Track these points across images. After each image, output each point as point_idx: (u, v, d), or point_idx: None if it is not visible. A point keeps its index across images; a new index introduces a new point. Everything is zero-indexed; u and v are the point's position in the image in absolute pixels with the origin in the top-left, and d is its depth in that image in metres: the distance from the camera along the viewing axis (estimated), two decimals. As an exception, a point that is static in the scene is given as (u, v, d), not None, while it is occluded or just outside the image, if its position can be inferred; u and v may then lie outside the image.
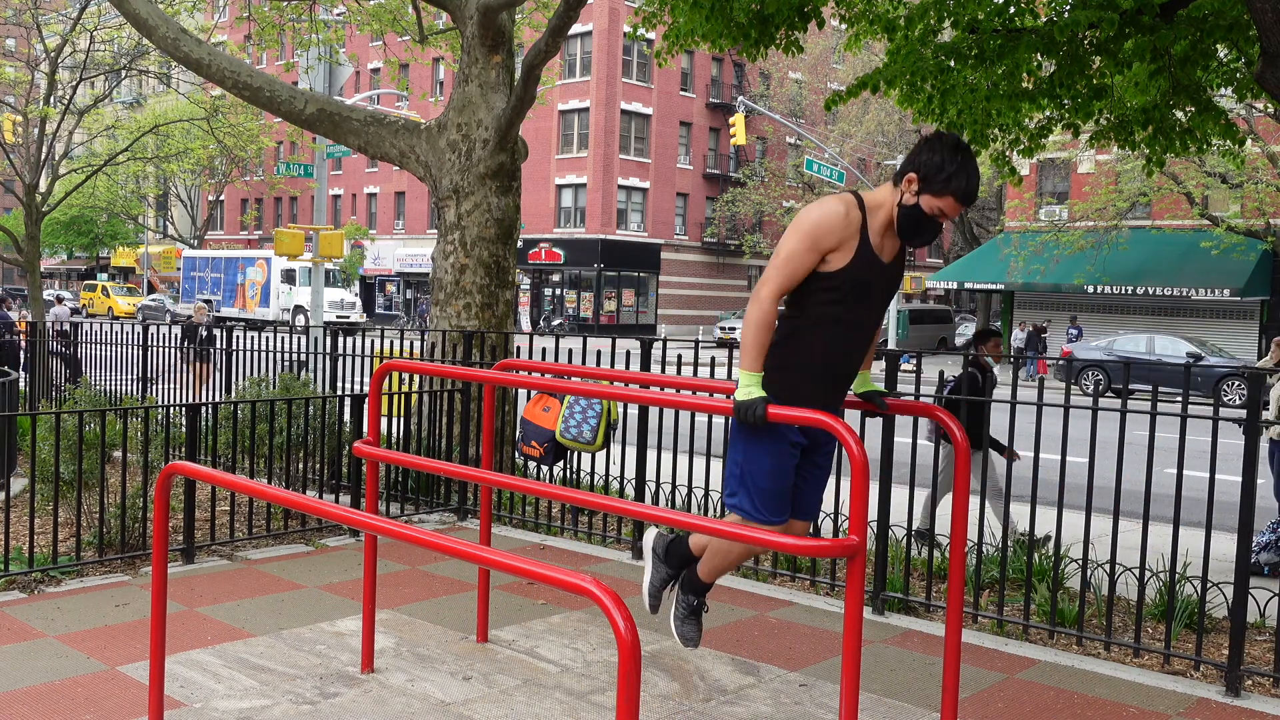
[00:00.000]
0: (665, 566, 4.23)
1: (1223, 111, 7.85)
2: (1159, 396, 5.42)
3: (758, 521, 3.77)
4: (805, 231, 3.60)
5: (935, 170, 3.53)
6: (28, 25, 21.39)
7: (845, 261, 3.62)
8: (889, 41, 7.97)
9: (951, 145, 3.55)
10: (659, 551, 4.26)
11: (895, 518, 6.66)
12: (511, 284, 9.60)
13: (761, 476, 3.74)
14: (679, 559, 4.20)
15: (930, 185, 3.55)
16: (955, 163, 3.53)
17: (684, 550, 4.18)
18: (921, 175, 3.56)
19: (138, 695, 4.55)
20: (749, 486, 3.77)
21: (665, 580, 4.23)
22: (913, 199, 3.59)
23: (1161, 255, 31.58)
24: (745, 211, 49.51)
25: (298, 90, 10.21)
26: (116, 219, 54.24)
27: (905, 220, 3.63)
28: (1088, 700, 4.88)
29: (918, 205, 3.59)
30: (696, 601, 4.15)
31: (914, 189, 3.58)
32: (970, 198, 3.58)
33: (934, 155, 3.54)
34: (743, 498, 3.79)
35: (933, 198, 3.56)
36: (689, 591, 4.16)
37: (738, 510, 3.82)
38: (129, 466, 6.83)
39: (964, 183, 3.53)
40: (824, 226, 3.59)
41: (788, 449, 3.76)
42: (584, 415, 4.98)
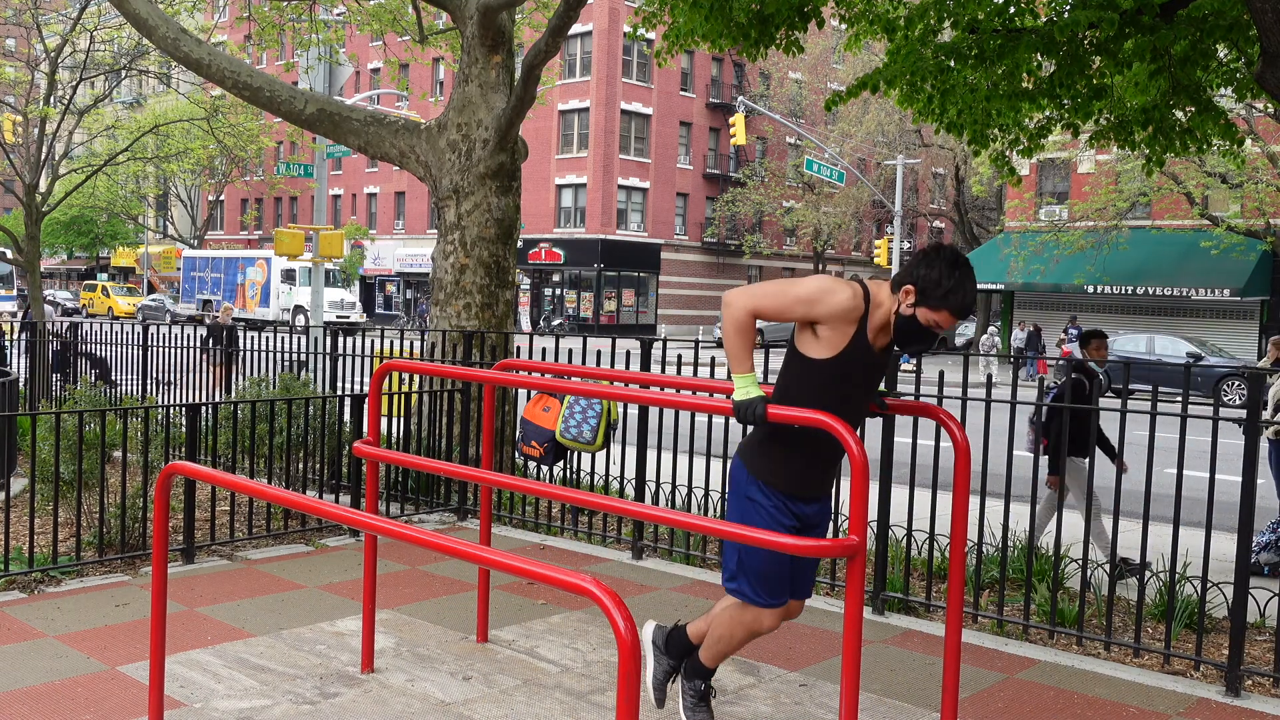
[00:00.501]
0: (666, 658, 4.27)
1: (1222, 111, 7.84)
2: (1159, 396, 5.43)
3: (758, 606, 3.87)
4: (811, 291, 3.64)
5: (933, 285, 3.57)
6: (28, 25, 21.38)
7: (837, 350, 3.66)
8: (889, 41, 7.97)
9: (949, 261, 3.59)
10: (659, 643, 4.29)
11: (895, 518, 6.66)
12: (511, 284, 9.60)
13: (760, 563, 3.82)
14: (679, 649, 4.23)
15: (927, 299, 3.59)
16: (953, 279, 3.57)
17: (684, 640, 4.22)
18: (919, 289, 3.60)
19: (138, 695, 4.55)
20: (748, 574, 3.85)
21: (668, 672, 4.27)
22: (909, 310, 3.64)
23: (1161, 255, 31.59)
24: (745, 211, 49.53)
25: (298, 90, 10.21)
26: (116, 219, 54.26)
27: (901, 330, 3.68)
28: (1088, 700, 4.89)
29: (914, 317, 3.63)
30: (704, 686, 4.18)
31: (911, 301, 3.63)
32: (966, 313, 3.65)
33: (931, 270, 3.58)
34: (742, 583, 3.88)
35: (929, 311, 3.60)
36: (694, 678, 4.19)
37: (738, 595, 3.90)
38: (129, 466, 6.83)
39: (960, 299, 3.59)
40: (830, 301, 3.62)
41: (786, 526, 3.81)
42: (584, 415, 4.98)
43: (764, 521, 3.77)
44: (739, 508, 3.85)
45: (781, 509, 3.79)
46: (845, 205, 46.52)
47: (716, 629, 4.02)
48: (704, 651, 4.11)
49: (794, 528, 3.82)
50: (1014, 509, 6.09)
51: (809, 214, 47.30)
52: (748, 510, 3.81)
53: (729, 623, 3.97)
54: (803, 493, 3.83)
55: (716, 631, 4.03)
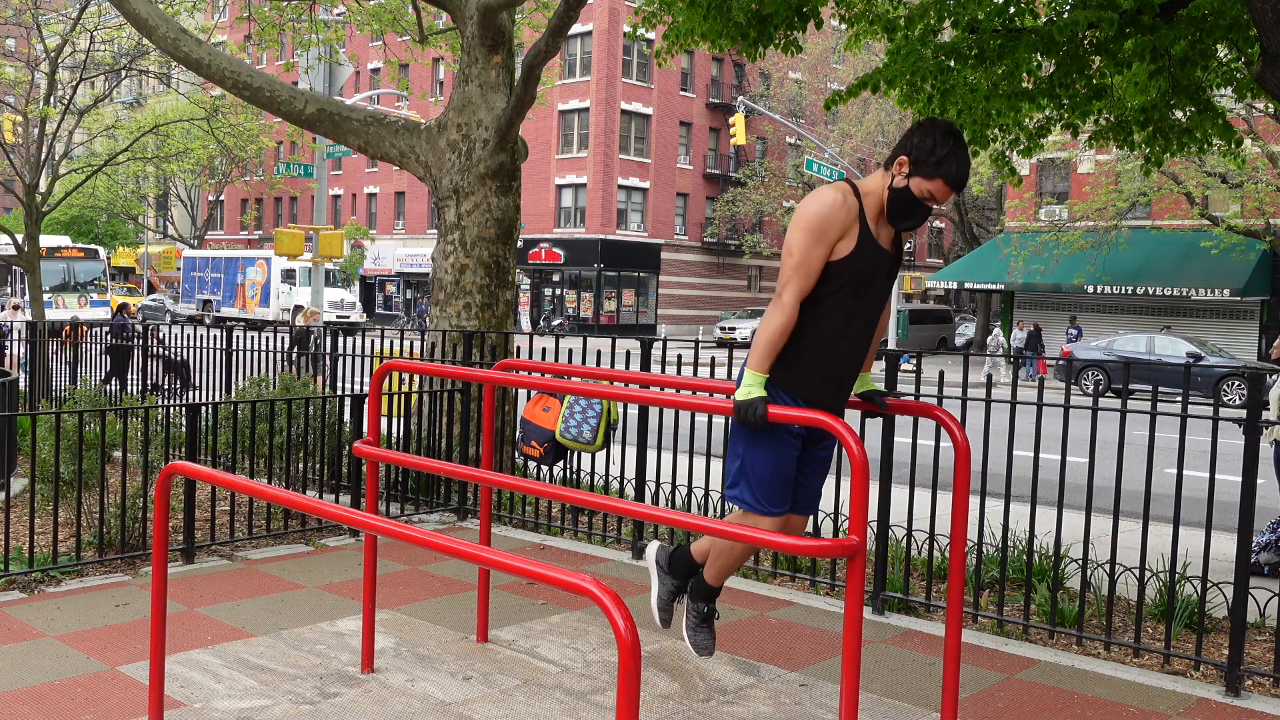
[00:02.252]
0: (671, 578, 4.24)
1: (1222, 112, 7.84)
2: (1159, 396, 5.42)
3: (758, 512, 3.80)
4: (809, 226, 3.62)
5: (927, 153, 3.55)
6: (28, 25, 21.38)
7: (849, 250, 3.64)
8: (889, 41, 7.97)
9: (944, 130, 3.58)
10: (662, 564, 4.27)
11: (895, 518, 6.66)
12: (511, 284, 9.60)
13: (763, 468, 3.76)
14: (684, 568, 4.21)
15: (921, 168, 3.57)
16: (947, 146, 3.55)
17: (687, 558, 4.19)
18: (913, 158, 3.58)
19: (138, 695, 4.55)
20: (750, 478, 3.79)
21: (673, 592, 4.25)
22: (903, 181, 3.62)
23: (1161, 255, 31.60)
24: (745, 211, 49.52)
25: (298, 90, 10.21)
26: (116, 219, 54.29)
27: (895, 202, 3.65)
28: (1088, 700, 4.88)
29: (908, 188, 3.61)
30: (707, 608, 4.17)
31: (905, 171, 3.61)
32: (960, 183, 3.60)
33: (926, 139, 3.57)
34: (743, 489, 3.81)
35: (923, 180, 3.58)
36: (698, 599, 4.17)
37: (738, 501, 3.84)
38: (129, 466, 6.83)
39: (954, 167, 3.56)
40: (827, 217, 3.61)
41: (789, 440, 3.78)
42: (584, 415, 4.98)
43: (770, 435, 3.72)
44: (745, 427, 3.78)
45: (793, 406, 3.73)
46: (845, 205, 46.40)
47: (718, 542, 4.00)
48: (708, 568, 4.09)
49: (804, 437, 3.79)
50: (1014, 509, 6.09)
51: (809, 214, 47.18)
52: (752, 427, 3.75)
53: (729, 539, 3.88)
54: (821, 403, 3.76)
55: (718, 544, 4.00)
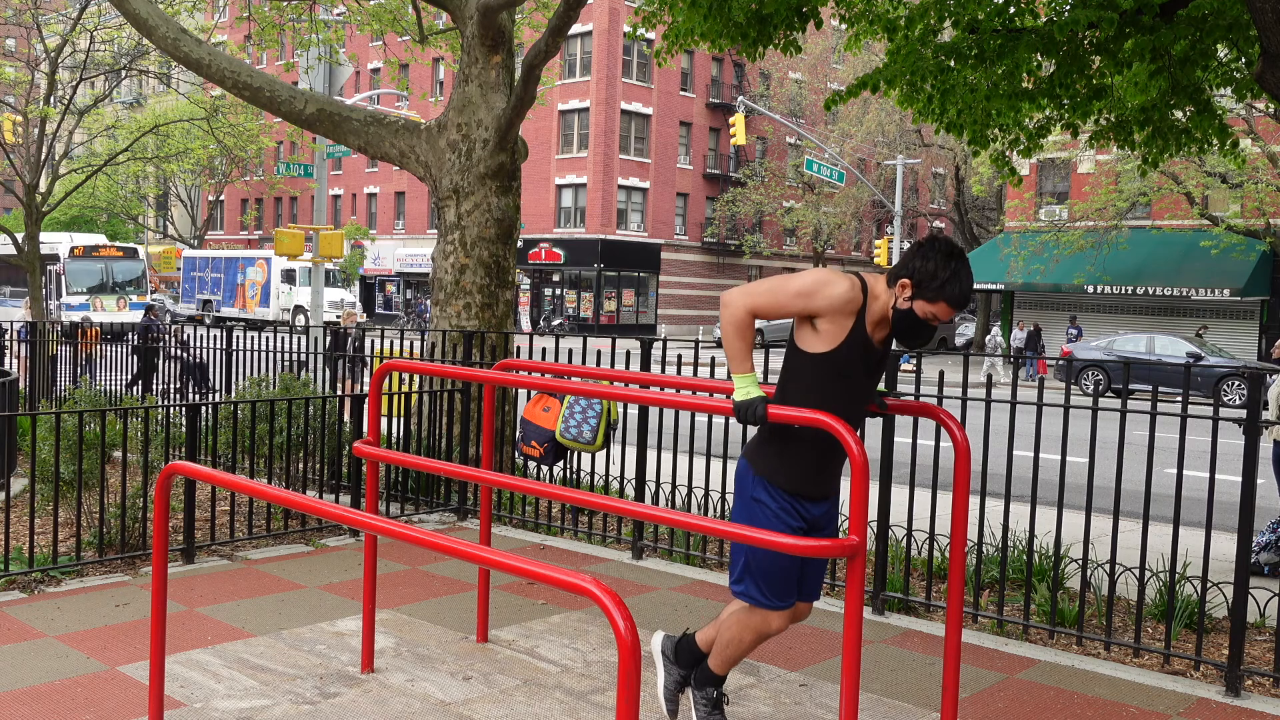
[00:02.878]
0: (677, 668, 4.25)
1: (1219, 113, 7.84)
2: (1159, 396, 5.42)
3: (766, 608, 3.85)
4: (808, 284, 3.63)
5: (929, 278, 3.57)
6: (28, 25, 21.39)
7: (837, 343, 3.66)
8: (889, 41, 7.96)
9: (945, 253, 3.58)
10: (668, 654, 4.28)
11: (895, 518, 6.66)
12: (511, 284, 9.60)
13: (768, 563, 3.80)
14: (689, 658, 4.22)
15: (924, 292, 3.58)
16: (948, 270, 3.56)
17: (693, 648, 4.20)
18: (915, 281, 3.59)
19: (138, 695, 4.55)
20: (755, 575, 3.84)
21: (679, 683, 4.25)
22: (906, 304, 3.63)
23: (1161, 255, 31.60)
24: (745, 211, 49.52)
25: (298, 90, 10.21)
26: (116, 219, 54.26)
27: (900, 324, 3.68)
28: (1088, 700, 4.89)
29: (911, 310, 3.63)
30: (716, 694, 4.16)
31: (908, 294, 3.62)
32: (964, 303, 3.63)
33: (927, 263, 3.57)
34: (749, 585, 3.86)
35: (926, 304, 3.60)
36: (705, 686, 4.17)
37: (745, 598, 3.88)
38: (129, 466, 6.83)
39: (956, 289, 3.57)
40: (827, 293, 3.61)
41: (794, 531, 3.79)
42: (584, 415, 4.98)
43: (770, 523, 3.75)
44: (745, 510, 3.83)
45: (788, 510, 3.78)
46: (845, 205, 46.51)
47: (725, 634, 4.01)
48: (713, 658, 4.10)
49: (801, 529, 3.81)
50: (1014, 509, 6.09)
51: (809, 214, 47.30)
52: (755, 512, 3.80)
53: (737, 626, 3.96)
54: (809, 492, 3.81)
55: (725, 636, 4.01)
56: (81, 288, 36.10)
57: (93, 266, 35.71)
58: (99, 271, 36.16)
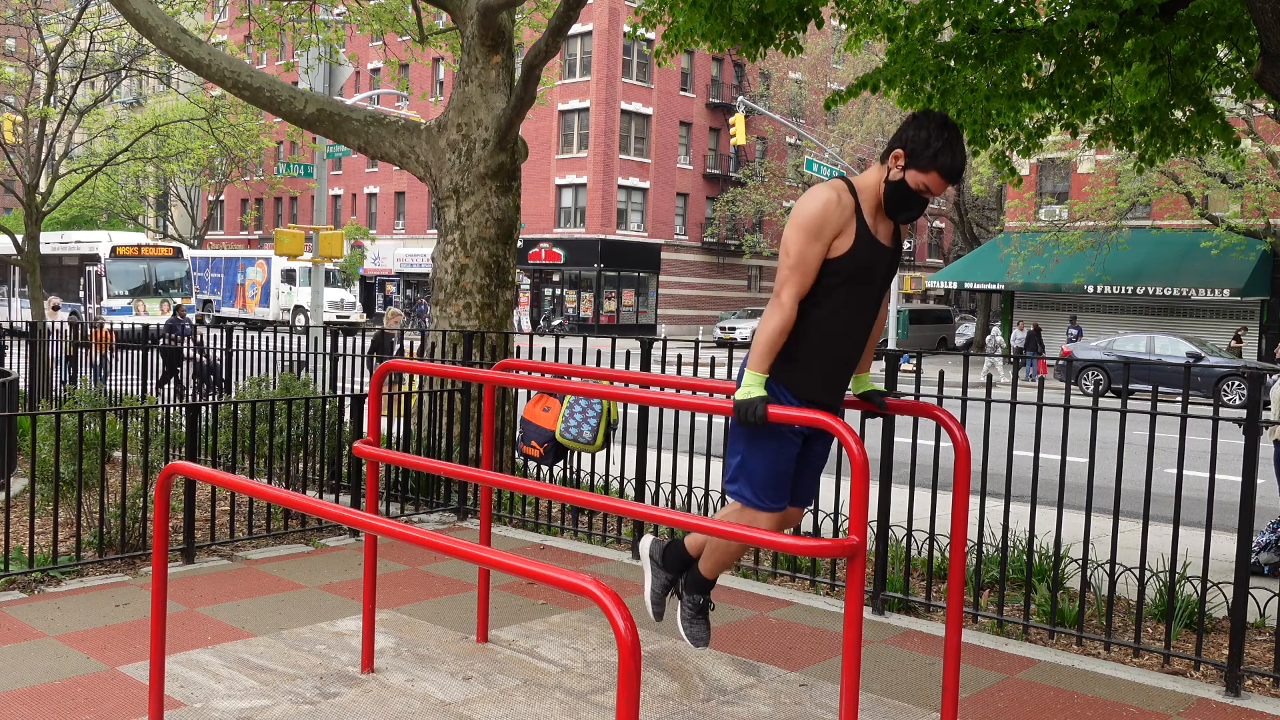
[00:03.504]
0: (665, 572, 4.23)
1: (1220, 113, 7.84)
2: (1159, 396, 5.42)
3: (756, 508, 3.81)
4: (805, 225, 3.63)
5: (922, 146, 3.57)
6: (28, 25, 21.39)
7: (846, 247, 3.65)
8: (889, 41, 7.97)
9: (939, 122, 3.59)
10: (656, 557, 4.26)
11: (895, 518, 6.66)
12: (511, 284, 9.60)
13: (763, 465, 3.77)
14: (678, 562, 4.20)
15: (916, 160, 3.58)
16: (942, 138, 3.56)
17: (681, 552, 4.18)
18: (908, 151, 3.59)
19: (138, 695, 4.55)
20: (749, 474, 3.80)
21: (666, 586, 4.24)
22: (899, 174, 3.63)
23: (1161, 255, 31.60)
24: (745, 211, 49.52)
25: (298, 90, 10.21)
26: (116, 219, 54.26)
27: (891, 195, 3.67)
28: (1088, 700, 4.89)
29: (904, 180, 3.63)
30: (702, 600, 4.15)
31: (900, 164, 3.62)
32: (956, 174, 3.62)
33: (920, 131, 3.58)
34: (743, 484, 3.82)
35: (918, 173, 3.59)
36: (693, 591, 4.16)
37: (737, 497, 3.85)
38: (129, 466, 6.82)
39: (949, 159, 3.57)
40: (823, 216, 3.62)
41: (790, 438, 3.78)
42: (584, 415, 4.98)
43: (770, 431, 3.72)
44: None
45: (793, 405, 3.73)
46: (845, 205, 46.39)
47: (715, 539, 3.97)
48: (703, 561, 4.08)
49: (800, 434, 3.79)
50: (1014, 509, 6.09)
51: (809, 214, 47.18)
52: None
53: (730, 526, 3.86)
54: (816, 397, 3.77)
55: (715, 540, 3.98)
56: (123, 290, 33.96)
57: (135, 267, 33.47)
58: (142, 272, 33.94)
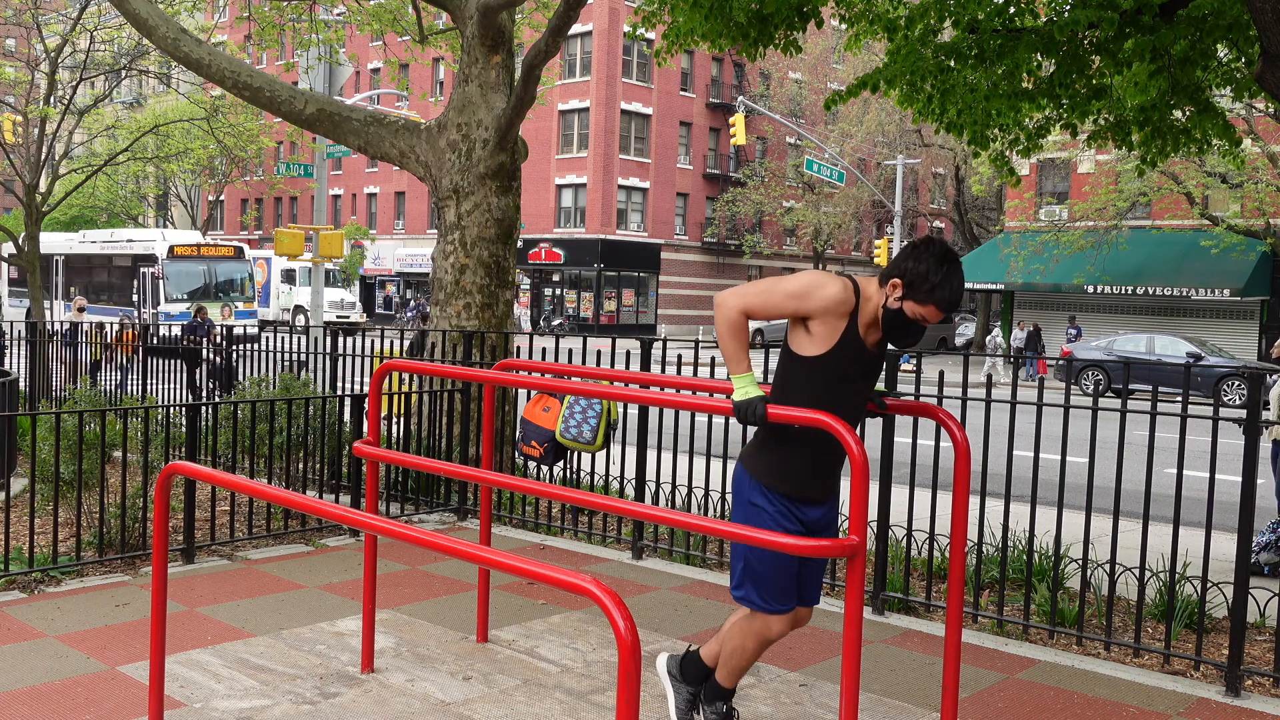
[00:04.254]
0: (685, 686, 4.25)
1: (1221, 112, 7.84)
2: (1159, 396, 5.42)
3: (766, 613, 3.86)
4: (801, 285, 3.65)
5: (920, 279, 3.59)
6: (28, 25, 21.39)
7: (829, 345, 3.67)
8: (889, 41, 7.96)
9: (938, 256, 3.60)
10: (674, 672, 4.28)
11: (895, 518, 6.66)
12: (511, 284, 9.60)
13: (767, 568, 3.80)
14: (696, 674, 4.22)
15: (915, 293, 3.60)
16: (940, 273, 3.58)
17: (698, 664, 4.20)
18: (906, 282, 3.61)
19: (138, 695, 4.55)
20: (756, 577, 3.84)
21: (690, 700, 4.25)
22: (896, 304, 3.65)
23: (1161, 255, 31.60)
24: (745, 211, 49.52)
25: (298, 90, 10.21)
26: (116, 219, 54.26)
27: (889, 323, 3.69)
28: (1088, 700, 4.89)
29: (901, 310, 3.65)
30: (725, 708, 4.17)
31: (898, 294, 3.64)
32: (953, 307, 3.66)
33: (919, 264, 3.59)
34: (749, 590, 3.86)
35: (916, 305, 3.61)
36: (714, 700, 4.17)
37: (746, 603, 3.89)
38: (129, 466, 6.83)
39: (947, 294, 3.59)
40: (820, 295, 3.63)
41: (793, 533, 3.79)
42: (584, 415, 4.98)
43: (768, 528, 3.75)
44: (743, 514, 3.83)
45: (785, 514, 3.78)
46: (845, 205, 46.50)
47: (729, 643, 4.02)
48: (720, 670, 4.10)
49: (799, 532, 3.81)
50: (1014, 509, 6.09)
51: (809, 214, 47.30)
52: (752, 517, 3.80)
53: (739, 634, 3.97)
54: (807, 495, 3.81)
55: (729, 646, 4.02)
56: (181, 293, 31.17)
57: (194, 269, 30.92)
58: (201, 274, 31.29)
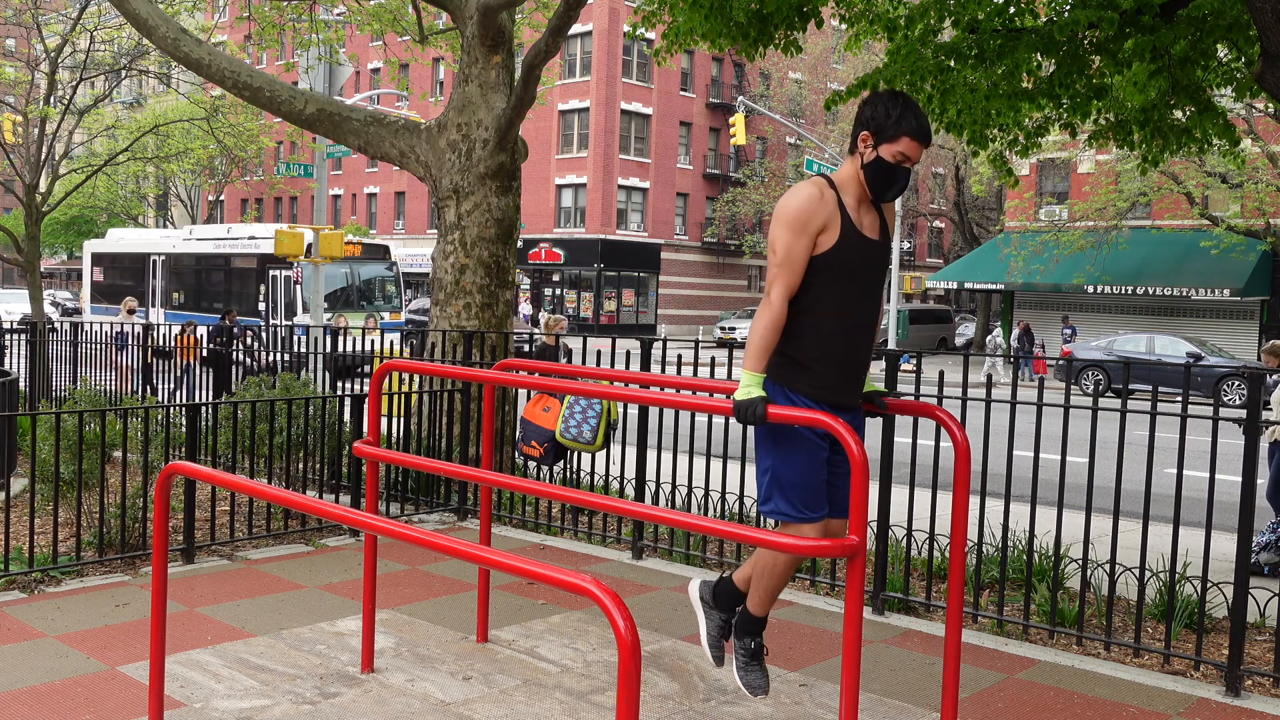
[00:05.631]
0: (718, 612, 4.17)
1: (1222, 112, 7.84)
2: (1159, 396, 5.42)
3: (798, 520, 3.74)
4: (790, 221, 3.65)
5: (883, 119, 3.65)
6: (28, 25, 21.38)
7: (832, 242, 3.68)
8: (889, 41, 7.97)
9: (889, 95, 3.69)
10: (706, 598, 4.20)
11: (895, 518, 6.66)
12: (511, 284, 9.61)
13: (795, 475, 3.72)
14: (728, 598, 4.13)
15: (883, 134, 3.65)
16: (899, 106, 3.65)
17: (731, 588, 4.11)
18: (873, 129, 3.67)
19: (138, 695, 4.55)
20: (784, 487, 3.75)
21: (722, 626, 4.16)
22: (872, 154, 3.69)
23: (1161, 255, 31.59)
24: (745, 211, 49.51)
25: (298, 90, 10.21)
26: (116, 219, 54.25)
27: (873, 177, 3.71)
28: (1088, 700, 4.88)
29: (879, 158, 3.68)
30: (754, 644, 4.05)
31: (870, 144, 3.69)
32: (925, 133, 3.66)
33: (877, 108, 3.68)
34: (779, 500, 3.76)
35: (890, 145, 3.65)
36: (745, 634, 4.07)
37: (776, 514, 3.78)
38: (129, 466, 6.83)
39: (913, 121, 3.64)
40: (806, 211, 3.65)
41: (816, 442, 3.73)
42: (584, 415, 4.98)
43: (796, 440, 3.68)
44: (769, 429, 3.73)
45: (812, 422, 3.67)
46: (845, 205, 46.42)
47: (760, 561, 3.90)
48: (752, 595, 3.99)
49: (826, 436, 3.71)
50: (1014, 509, 6.09)
51: (809, 214, 47.21)
52: (777, 427, 3.70)
53: (771, 551, 3.82)
54: (833, 399, 3.73)
55: (760, 564, 3.90)
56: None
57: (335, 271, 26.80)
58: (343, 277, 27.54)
